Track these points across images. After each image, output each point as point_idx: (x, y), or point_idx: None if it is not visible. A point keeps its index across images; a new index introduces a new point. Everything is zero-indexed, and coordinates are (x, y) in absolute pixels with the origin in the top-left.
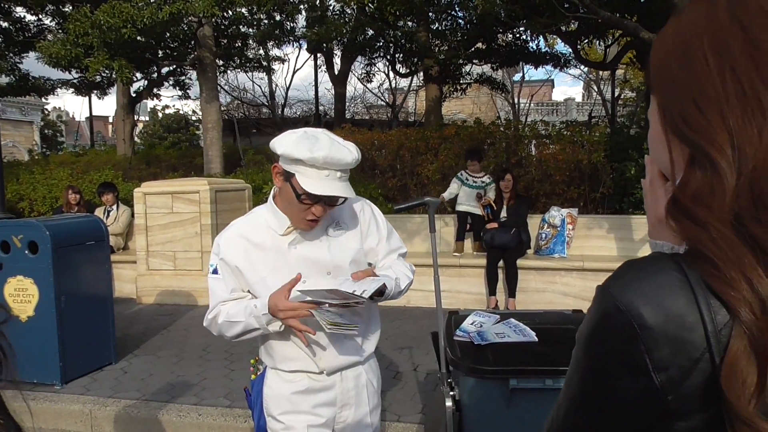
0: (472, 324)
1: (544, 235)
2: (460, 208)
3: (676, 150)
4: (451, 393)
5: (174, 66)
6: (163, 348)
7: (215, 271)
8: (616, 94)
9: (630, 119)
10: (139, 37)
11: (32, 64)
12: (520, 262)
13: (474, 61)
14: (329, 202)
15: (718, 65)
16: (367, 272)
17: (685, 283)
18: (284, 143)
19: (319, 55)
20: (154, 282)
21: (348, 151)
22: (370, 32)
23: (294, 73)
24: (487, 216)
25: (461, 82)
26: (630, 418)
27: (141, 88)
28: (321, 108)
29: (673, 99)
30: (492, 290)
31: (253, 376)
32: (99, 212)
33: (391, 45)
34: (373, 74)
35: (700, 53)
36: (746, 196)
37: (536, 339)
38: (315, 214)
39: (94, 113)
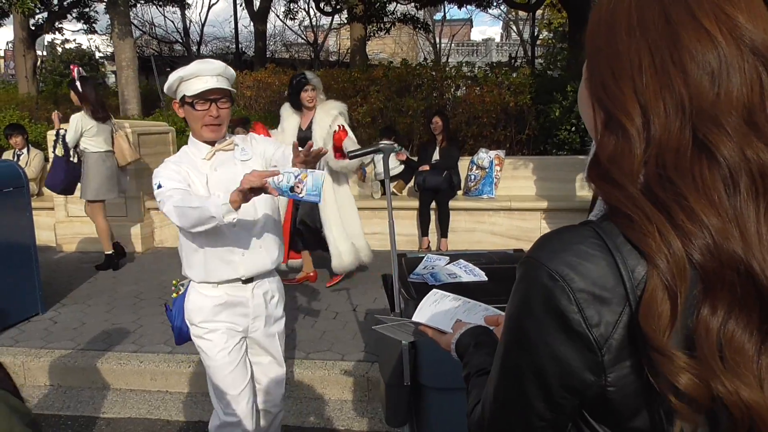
0: (424, 268)
1: (473, 177)
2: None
3: (597, 114)
4: None
5: None
6: (93, 296)
7: (159, 186)
8: (535, 34)
9: (548, 60)
10: None
11: None
12: (450, 203)
13: None
14: (217, 102)
15: (637, 41)
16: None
17: (604, 248)
18: (167, 81)
19: None
20: (75, 229)
21: (215, 61)
22: None
23: (210, 7)
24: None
25: (385, 21)
26: (568, 380)
27: (41, 20)
28: (239, 46)
29: (597, 67)
30: (425, 231)
31: (174, 295)
32: (7, 156)
33: None
34: (296, 11)
35: (623, 26)
36: (652, 163)
37: (486, 278)
38: (211, 115)
39: None
